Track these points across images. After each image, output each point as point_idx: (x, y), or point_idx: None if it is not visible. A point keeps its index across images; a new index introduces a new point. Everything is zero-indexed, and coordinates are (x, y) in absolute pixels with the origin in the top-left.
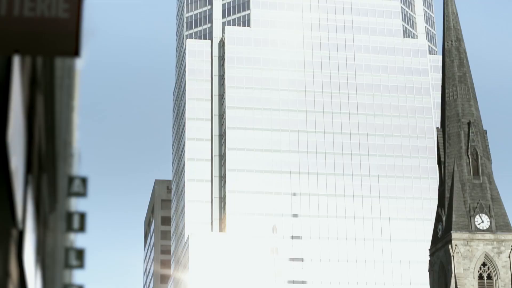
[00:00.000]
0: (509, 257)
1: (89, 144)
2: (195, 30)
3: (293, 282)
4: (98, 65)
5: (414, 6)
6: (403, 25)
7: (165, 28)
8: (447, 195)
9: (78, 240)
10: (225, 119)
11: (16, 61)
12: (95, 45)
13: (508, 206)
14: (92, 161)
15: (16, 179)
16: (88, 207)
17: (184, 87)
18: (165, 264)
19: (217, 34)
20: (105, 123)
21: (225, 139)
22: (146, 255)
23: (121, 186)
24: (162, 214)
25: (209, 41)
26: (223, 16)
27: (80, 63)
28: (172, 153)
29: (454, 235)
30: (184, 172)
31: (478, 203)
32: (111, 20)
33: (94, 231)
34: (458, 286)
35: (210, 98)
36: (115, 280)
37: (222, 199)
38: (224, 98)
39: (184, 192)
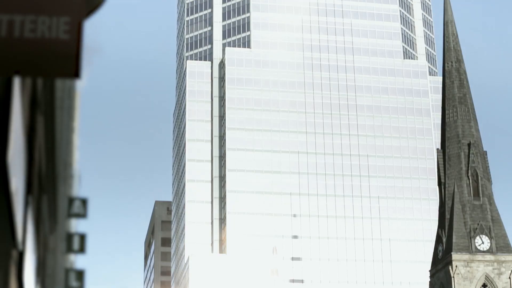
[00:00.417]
0: (509, 278)
1: (89, 165)
2: (195, 51)
3: None
4: (98, 86)
5: (414, 27)
6: (403, 46)
7: (165, 50)
8: (447, 216)
9: (78, 261)
10: (225, 140)
11: (17, 82)
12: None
13: (509, 227)
14: (93, 182)
15: (16, 200)
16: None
17: (184, 108)
18: (165, 285)
19: (217, 55)
20: (105, 144)
21: (225, 161)
22: (146, 276)
23: (121, 207)
24: (162, 235)
25: (209, 62)
26: (223, 38)
27: (80, 84)
28: (172, 174)
29: (455, 256)
30: (184, 193)
31: (478, 224)
32: (112, 41)
33: (94, 252)
34: None
35: (210, 119)
36: None
37: (222, 220)
38: (224, 119)
39: (184, 213)
